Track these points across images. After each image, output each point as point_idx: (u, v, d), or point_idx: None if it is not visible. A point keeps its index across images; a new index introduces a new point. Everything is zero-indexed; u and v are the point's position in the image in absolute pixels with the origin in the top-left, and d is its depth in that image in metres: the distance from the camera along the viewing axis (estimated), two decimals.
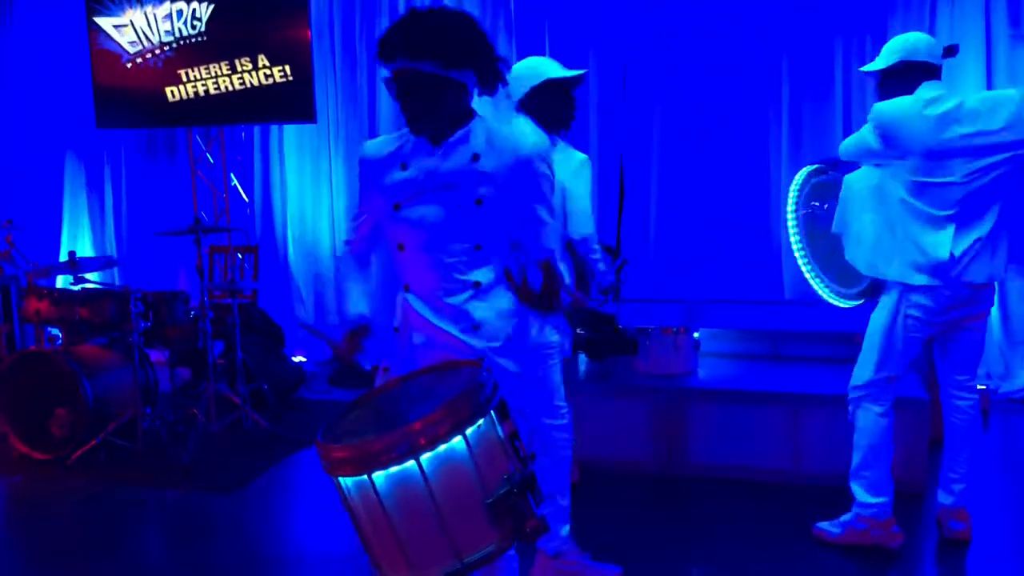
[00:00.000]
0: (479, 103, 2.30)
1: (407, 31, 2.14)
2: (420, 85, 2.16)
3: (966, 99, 3.34)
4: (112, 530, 4.13)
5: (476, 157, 2.22)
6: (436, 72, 2.14)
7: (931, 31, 5.85)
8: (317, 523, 4.27)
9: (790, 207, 3.93)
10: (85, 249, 7.72)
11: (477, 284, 2.25)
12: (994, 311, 5.84)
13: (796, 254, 3.96)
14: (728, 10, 6.21)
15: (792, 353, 5.20)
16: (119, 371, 5.04)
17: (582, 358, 5.25)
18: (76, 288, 5.16)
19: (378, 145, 2.38)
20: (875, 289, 3.76)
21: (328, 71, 7.04)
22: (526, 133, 2.32)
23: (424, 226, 2.24)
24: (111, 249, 7.76)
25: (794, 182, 3.98)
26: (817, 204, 3.98)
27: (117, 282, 7.19)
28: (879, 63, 3.52)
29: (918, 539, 3.82)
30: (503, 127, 2.31)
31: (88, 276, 5.38)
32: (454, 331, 2.24)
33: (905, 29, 5.88)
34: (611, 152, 6.57)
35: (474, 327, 2.24)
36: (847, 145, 3.64)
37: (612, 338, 4.98)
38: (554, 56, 3.33)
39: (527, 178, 2.24)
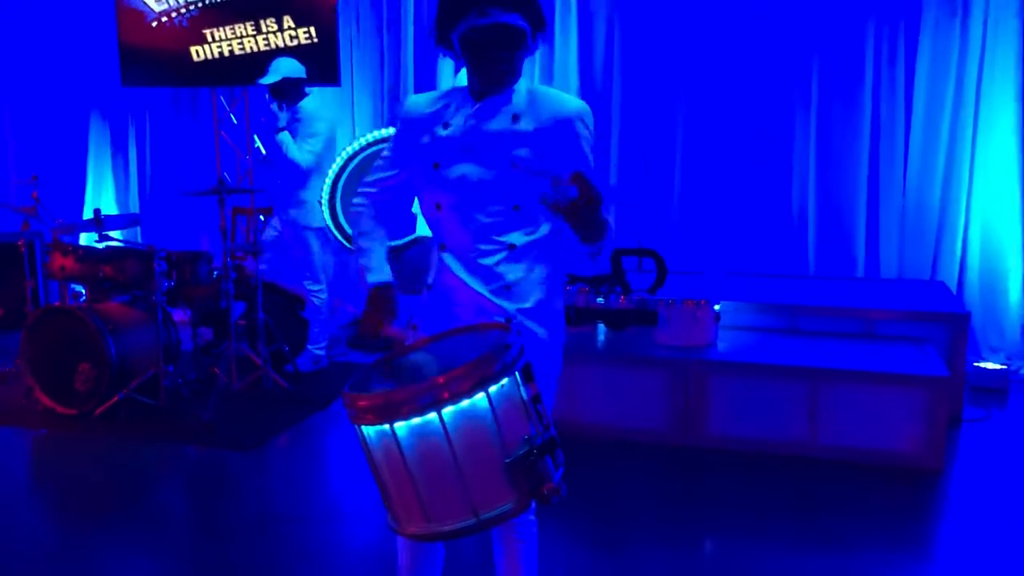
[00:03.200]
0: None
1: None
2: (511, 41, 2.13)
3: None
4: (133, 485, 4.19)
5: (516, 118, 2.21)
6: (523, 27, 2.12)
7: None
8: (334, 482, 4.32)
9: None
10: (109, 207, 7.78)
11: (512, 246, 2.24)
12: (1015, 291, 5.82)
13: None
14: None
15: (811, 327, 5.18)
16: (142, 329, 5.08)
17: (601, 328, 5.26)
18: (100, 246, 5.20)
19: (420, 103, 2.35)
20: None
21: (352, 33, 7.02)
22: (568, 95, 2.30)
23: (462, 186, 2.23)
24: (134, 207, 7.82)
25: None
26: None
27: (140, 240, 7.24)
28: None
29: (937, 516, 3.82)
30: (545, 88, 2.29)
31: (112, 234, 5.42)
32: (485, 291, 2.23)
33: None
34: (634, 127, 6.53)
35: (505, 287, 2.23)
36: None
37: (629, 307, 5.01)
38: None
39: (568, 139, 2.22)
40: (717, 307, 5.02)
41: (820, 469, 4.22)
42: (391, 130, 4.77)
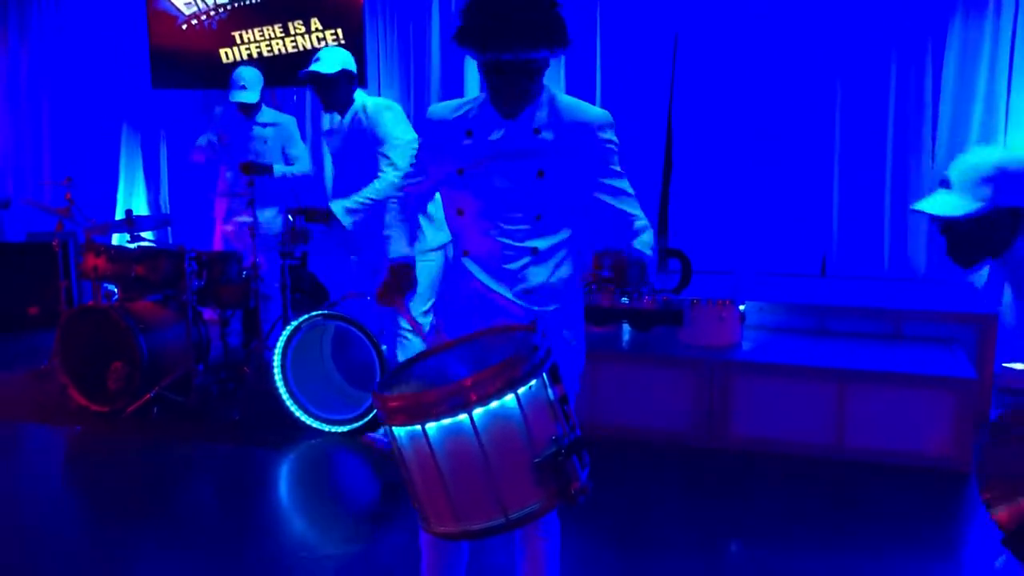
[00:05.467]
0: None
1: (527, 19, 2.09)
2: (533, 72, 2.17)
3: None
4: (164, 482, 4.26)
5: (538, 131, 2.24)
6: (547, 56, 2.16)
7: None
8: (362, 481, 4.37)
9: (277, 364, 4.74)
10: (140, 208, 7.89)
11: (535, 250, 2.27)
12: None
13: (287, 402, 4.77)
14: None
15: (838, 328, 5.17)
16: (173, 328, 5.17)
17: (626, 327, 5.27)
18: (132, 246, 5.29)
19: (444, 110, 2.39)
20: None
21: (379, 36, 7.07)
22: (590, 105, 2.33)
23: (485, 194, 2.27)
24: (165, 208, 7.92)
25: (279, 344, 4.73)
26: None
27: (171, 241, 7.34)
28: None
29: (964, 519, 3.80)
30: (567, 98, 2.32)
31: (143, 234, 5.51)
32: (509, 294, 2.27)
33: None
34: (656, 124, 6.52)
35: (528, 291, 2.27)
36: None
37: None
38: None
39: (590, 148, 2.25)
40: (742, 307, 5.02)
41: (846, 471, 4.21)
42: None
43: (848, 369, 4.39)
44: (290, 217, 4.79)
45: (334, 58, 4.43)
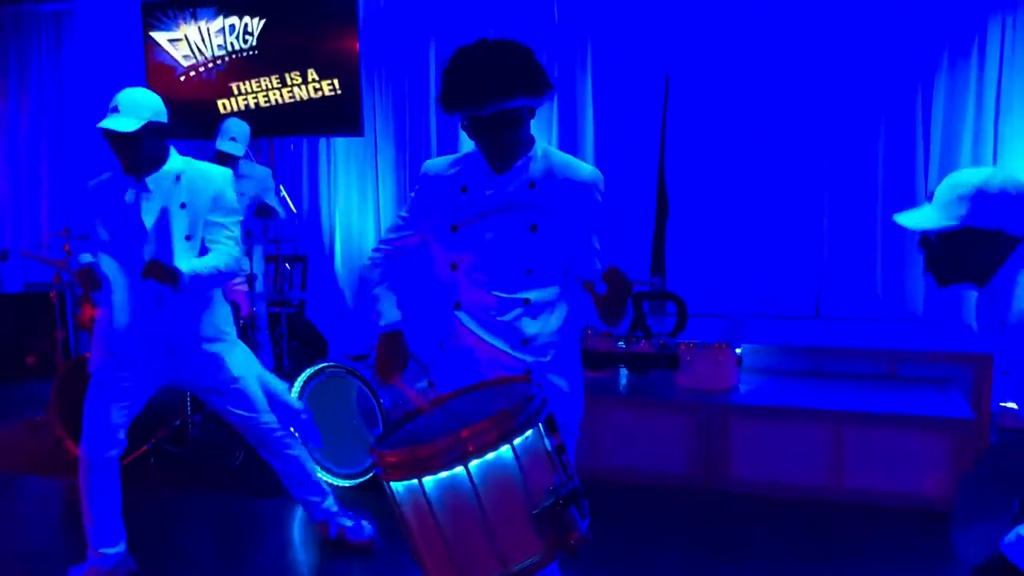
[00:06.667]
0: None
1: (496, 73, 2.12)
2: (512, 122, 2.20)
3: None
4: (162, 533, 4.23)
5: (533, 185, 2.28)
6: (528, 105, 2.20)
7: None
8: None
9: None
10: None
11: (527, 301, 2.30)
12: None
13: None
14: (775, 22, 6.21)
15: (834, 370, 5.18)
16: None
17: (622, 372, 5.28)
18: None
19: (439, 165, 2.43)
20: None
21: (376, 86, 7.17)
22: (582, 163, 2.37)
23: (479, 248, 2.30)
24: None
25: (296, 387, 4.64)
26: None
27: None
28: None
29: (963, 561, 3.78)
30: (561, 155, 2.37)
31: None
32: (504, 346, 2.29)
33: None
34: (649, 165, 6.58)
35: (523, 342, 2.29)
36: None
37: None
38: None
39: (583, 206, 2.29)
40: (738, 350, 5.04)
41: (845, 513, 4.20)
42: None
43: (845, 411, 4.40)
44: None
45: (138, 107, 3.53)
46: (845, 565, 3.69)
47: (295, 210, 7.31)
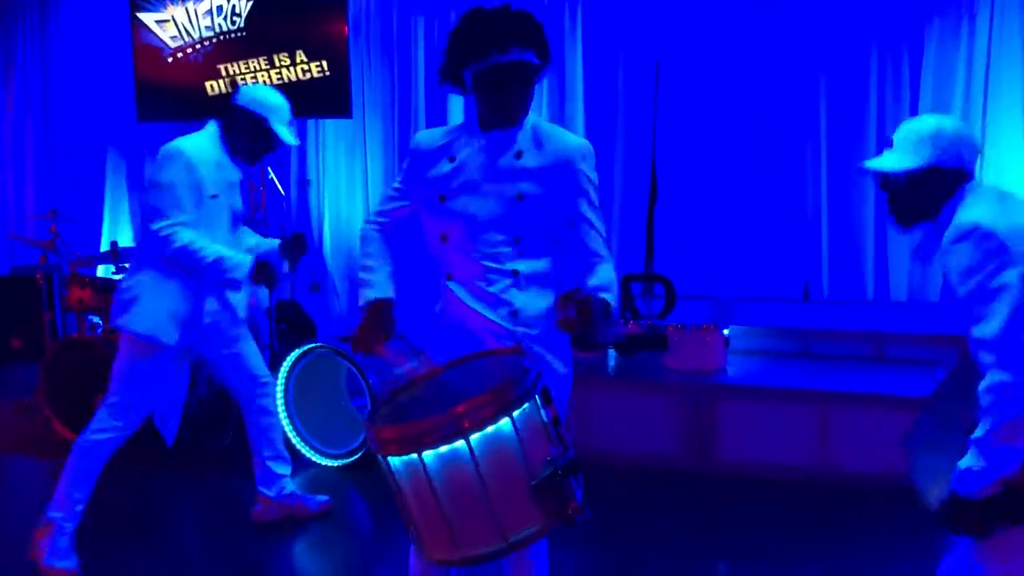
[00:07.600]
0: None
1: (520, 22, 2.21)
2: (528, 76, 2.25)
3: None
4: (152, 513, 4.24)
5: (520, 154, 2.29)
6: (538, 63, 2.25)
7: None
8: (349, 509, 4.35)
9: (280, 387, 4.64)
10: (125, 240, 7.87)
11: (516, 272, 2.31)
12: None
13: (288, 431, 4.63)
14: (765, 7, 6.21)
15: (822, 351, 5.22)
16: None
17: (611, 353, 5.31)
18: (117, 277, 5.28)
19: (429, 137, 2.45)
20: None
21: (364, 67, 7.14)
22: (570, 133, 2.39)
23: (467, 218, 2.31)
24: None
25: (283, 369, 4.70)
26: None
27: None
28: None
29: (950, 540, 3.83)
30: (549, 125, 2.38)
31: (128, 266, 5.50)
32: (493, 316, 2.31)
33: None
34: (640, 149, 6.59)
35: (512, 313, 2.31)
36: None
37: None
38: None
39: (570, 176, 2.30)
40: (726, 331, 5.07)
41: (833, 492, 4.25)
42: None
43: (832, 392, 4.44)
44: None
45: None
46: (833, 543, 3.72)
47: (283, 192, 7.30)
